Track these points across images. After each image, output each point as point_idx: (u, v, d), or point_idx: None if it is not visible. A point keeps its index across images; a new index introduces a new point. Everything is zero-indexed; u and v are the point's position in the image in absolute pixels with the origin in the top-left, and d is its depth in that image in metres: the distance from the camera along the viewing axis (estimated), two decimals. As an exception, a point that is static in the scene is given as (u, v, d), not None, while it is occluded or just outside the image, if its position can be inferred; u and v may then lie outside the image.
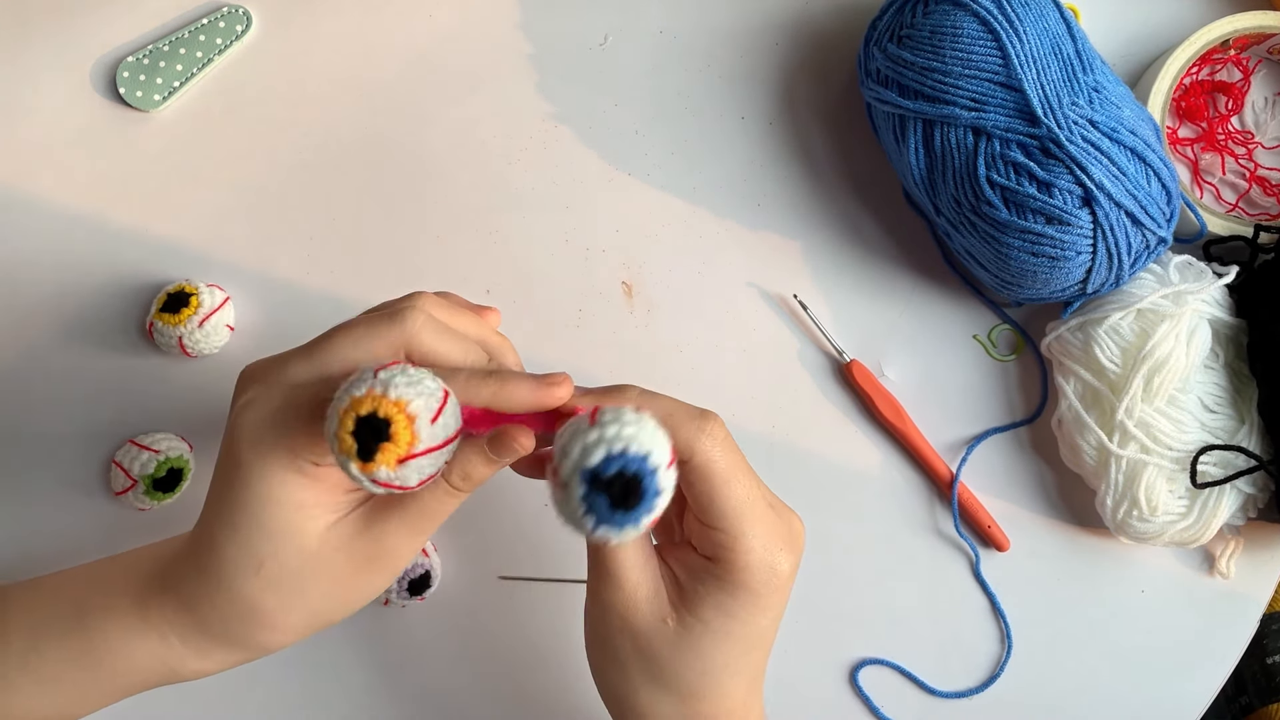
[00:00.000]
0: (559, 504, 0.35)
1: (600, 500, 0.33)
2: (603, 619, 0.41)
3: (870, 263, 0.58)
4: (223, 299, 0.56)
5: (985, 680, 0.57)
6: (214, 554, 0.39)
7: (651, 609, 0.40)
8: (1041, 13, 0.50)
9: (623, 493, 0.33)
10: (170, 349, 0.55)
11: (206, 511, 0.40)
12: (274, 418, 0.37)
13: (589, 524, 0.34)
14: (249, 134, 0.58)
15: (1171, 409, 0.52)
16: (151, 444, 0.55)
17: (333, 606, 0.40)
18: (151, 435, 0.55)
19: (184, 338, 0.54)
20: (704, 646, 0.40)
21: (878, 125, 0.55)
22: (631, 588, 0.40)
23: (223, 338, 0.56)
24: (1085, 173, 0.49)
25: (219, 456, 0.40)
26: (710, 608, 0.40)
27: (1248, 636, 0.57)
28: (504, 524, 0.57)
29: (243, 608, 0.39)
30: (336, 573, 0.39)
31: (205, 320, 0.55)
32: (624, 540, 0.35)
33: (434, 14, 0.59)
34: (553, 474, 0.35)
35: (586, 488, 0.33)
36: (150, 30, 0.58)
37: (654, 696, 0.41)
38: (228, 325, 0.56)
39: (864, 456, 0.57)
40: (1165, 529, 0.52)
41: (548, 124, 0.59)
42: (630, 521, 0.33)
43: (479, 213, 0.58)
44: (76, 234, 0.57)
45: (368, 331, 0.38)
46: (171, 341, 0.54)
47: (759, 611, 0.40)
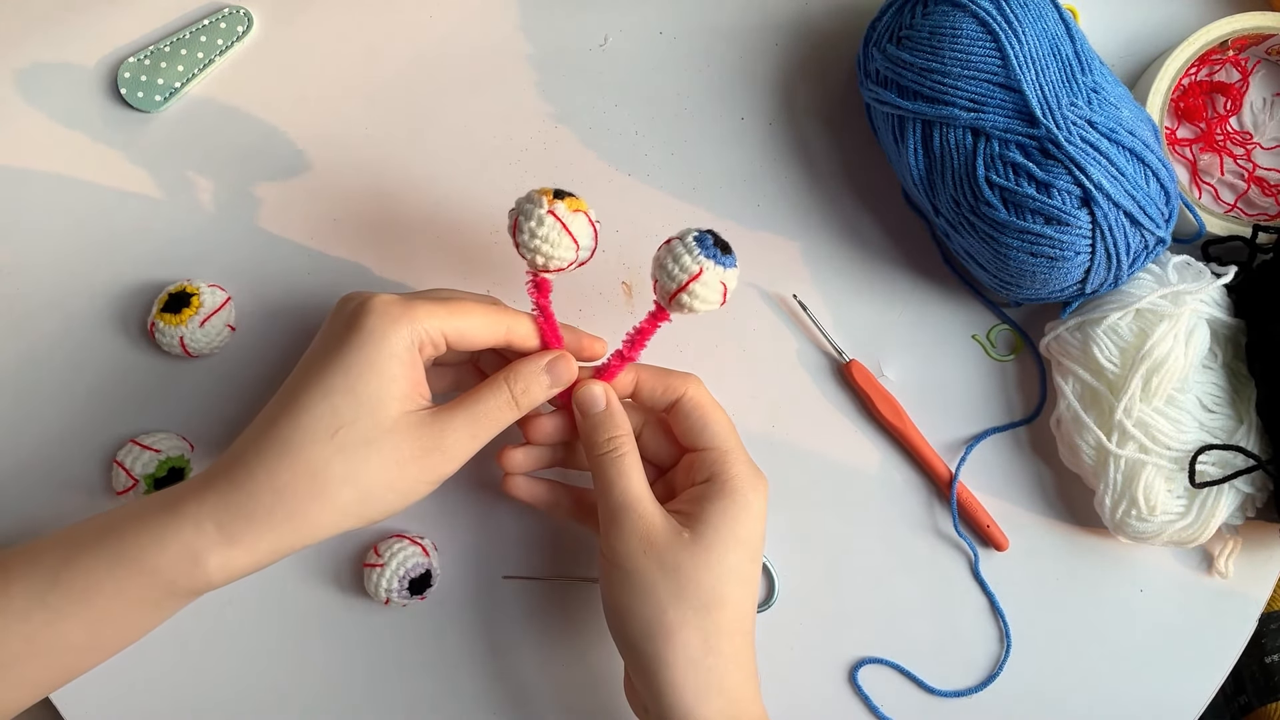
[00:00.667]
0: (671, 257, 0.47)
1: (707, 239, 0.47)
2: (627, 553, 0.47)
3: (870, 263, 0.58)
4: (224, 299, 0.56)
5: (984, 679, 0.57)
6: (289, 419, 0.44)
7: (668, 526, 0.47)
8: (1040, 14, 0.50)
9: (723, 243, 0.48)
10: (172, 349, 0.55)
11: (283, 394, 0.45)
12: (405, 303, 0.45)
13: (702, 255, 0.47)
14: (250, 134, 0.58)
15: (1170, 409, 0.52)
16: (153, 444, 0.55)
17: (380, 494, 0.45)
18: (153, 435, 0.56)
19: (185, 337, 0.54)
20: (717, 547, 0.47)
21: (877, 126, 0.55)
22: (647, 512, 0.48)
23: (224, 337, 0.56)
24: (1084, 173, 0.49)
25: (322, 336, 0.46)
26: (715, 513, 0.47)
27: (1246, 636, 0.57)
28: (504, 524, 0.57)
29: (304, 472, 0.43)
30: (399, 455, 0.45)
31: (206, 320, 0.55)
32: (726, 278, 0.47)
33: (434, 15, 0.59)
34: (664, 244, 0.48)
35: (698, 232, 0.48)
36: (151, 31, 0.58)
37: (680, 612, 0.46)
38: (229, 325, 0.56)
39: (863, 456, 0.57)
40: (1164, 528, 0.52)
41: (548, 124, 0.59)
42: (731, 260, 0.48)
43: (479, 213, 0.58)
44: (77, 234, 0.58)
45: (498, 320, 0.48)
46: (173, 341, 0.55)
47: (752, 516, 0.48)
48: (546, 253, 0.48)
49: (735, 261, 0.48)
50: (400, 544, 0.55)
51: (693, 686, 0.46)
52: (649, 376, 0.51)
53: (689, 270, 0.47)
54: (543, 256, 0.48)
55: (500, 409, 0.47)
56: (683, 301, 0.47)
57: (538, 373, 0.48)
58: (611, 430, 0.49)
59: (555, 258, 0.48)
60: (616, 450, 0.48)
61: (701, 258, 0.47)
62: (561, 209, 0.47)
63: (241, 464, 0.44)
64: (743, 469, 0.49)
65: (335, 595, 0.57)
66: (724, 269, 0.47)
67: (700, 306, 0.48)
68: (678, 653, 0.46)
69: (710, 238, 0.47)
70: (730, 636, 0.47)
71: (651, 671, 0.46)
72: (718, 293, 0.48)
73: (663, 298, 0.48)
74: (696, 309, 0.48)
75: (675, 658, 0.46)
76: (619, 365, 0.50)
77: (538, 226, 0.47)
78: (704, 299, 0.47)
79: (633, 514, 0.47)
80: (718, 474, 0.49)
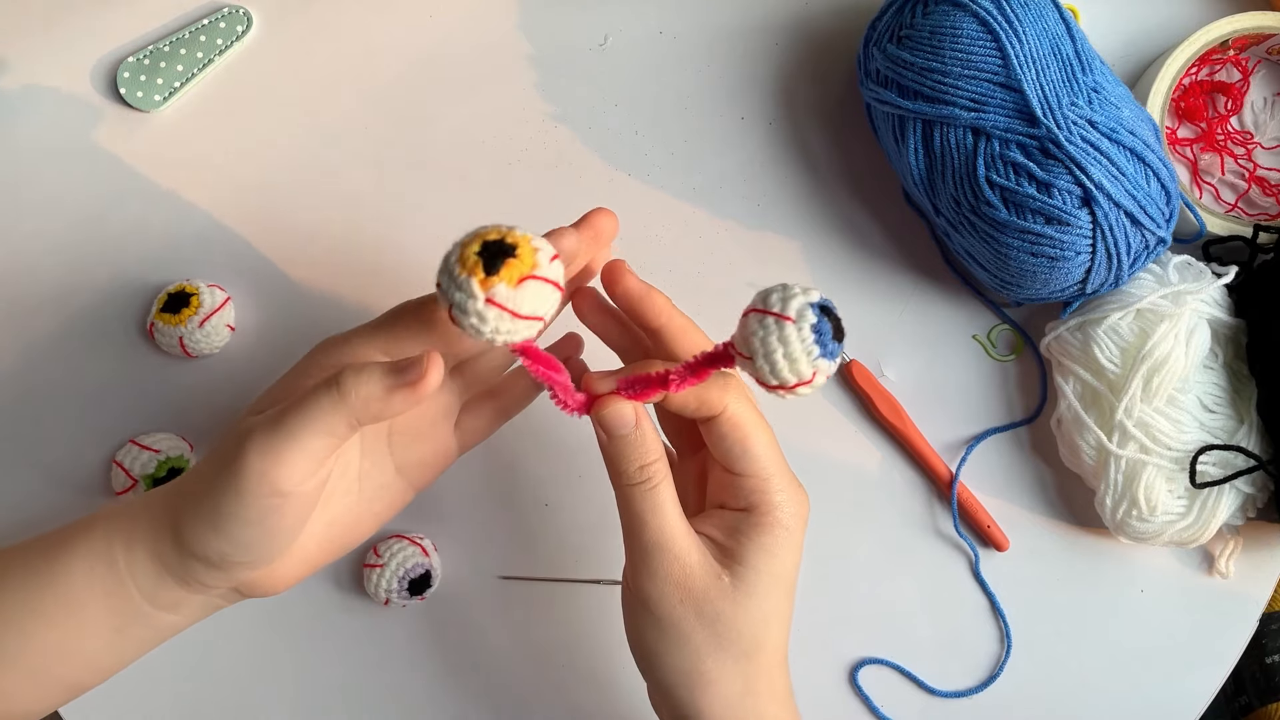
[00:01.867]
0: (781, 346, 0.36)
1: (825, 327, 0.36)
2: (659, 598, 0.42)
3: (870, 263, 0.58)
4: (223, 299, 0.56)
5: (985, 680, 0.57)
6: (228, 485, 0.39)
7: (706, 570, 0.42)
8: (1041, 13, 0.50)
9: (840, 328, 0.37)
10: (171, 349, 0.55)
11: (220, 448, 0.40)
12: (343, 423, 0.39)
13: (820, 356, 0.36)
14: (249, 134, 0.58)
15: (1170, 409, 0.52)
16: (152, 444, 0.55)
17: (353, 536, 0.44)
18: (152, 435, 0.55)
19: (185, 338, 0.54)
20: (759, 592, 0.42)
21: (877, 125, 0.55)
22: (684, 553, 0.42)
23: (223, 338, 0.56)
24: (1084, 173, 0.49)
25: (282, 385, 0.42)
26: (755, 552, 0.42)
27: (1247, 636, 0.57)
28: (504, 524, 0.57)
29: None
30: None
31: (206, 320, 0.55)
32: (830, 370, 0.37)
33: (434, 14, 0.59)
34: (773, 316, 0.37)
35: (817, 315, 0.36)
36: (151, 30, 0.58)
37: (719, 662, 0.42)
38: (228, 325, 0.56)
39: (864, 456, 0.57)
40: (1164, 529, 0.52)
41: (548, 124, 0.59)
42: (840, 349, 0.37)
43: (479, 213, 0.58)
44: (77, 234, 0.58)
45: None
46: (172, 341, 0.55)
47: (794, 547, 0.43)
48: (504, 339, 0.37)
49: (842, 348, 0.38)
50: (400, 544, 0.55)
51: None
52: None
53: (801, 375, 0.37)
54: (502, 338, 0.37)
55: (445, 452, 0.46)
56: (780, 395, 0.38)
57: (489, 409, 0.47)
58: (644, 457, 0.42)
59: (515, 337, 0.37)
60: (649, 481, 0.42)
61: (820, 360, 0.37)
62: (502, 292, 0.35)
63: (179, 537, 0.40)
64: (786, 496, 0.43)
65: (335, 595, 0.57)
66: (832, 364, 0.37)
67: (794, 399, 0.38)
68: (715, 699, 0.42)
69: (829, 323, 0.37)
70: (769, 674, 0.44)
71: (686, 715, 0.43)
72: (819, 387, 0.38)
73: (752, 376, 0.38)
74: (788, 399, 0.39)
75: (713, 704, 0.43)
76: (659, 389, 0.40)
77: (480, 324, 0.36)
78: (804, 394, 0.38)
79: (668, 556, 0.42)
80: (758, 504, 0.43)
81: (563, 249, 0.40)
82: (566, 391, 0.41)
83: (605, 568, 0.57)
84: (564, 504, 0.57)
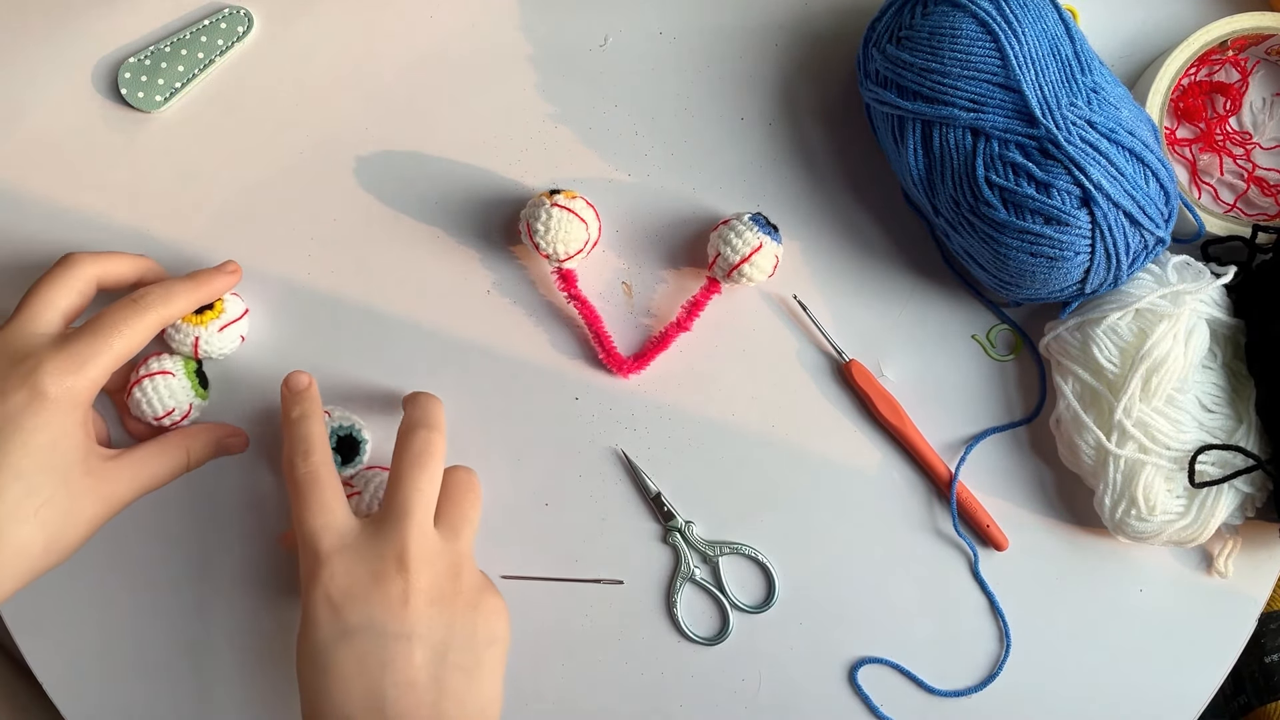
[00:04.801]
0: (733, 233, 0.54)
1: (761, 219, 0.55)
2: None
3: (869, 263, 0.58)
4: (243, 310, 0.56)
5: (984, 679, 0.57)
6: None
7: None
8: (1040, 14, 0.50)
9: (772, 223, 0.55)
10: (183, 348, 0.55)
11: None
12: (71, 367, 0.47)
13: (760, 231, 0.54)
14: (250, 135, 0.58)
15: (1169, 409, 0.52)
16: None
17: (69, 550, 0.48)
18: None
19: (201, 339, 0.54)
20: None
21: (877, 126, 0.55)
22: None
23: (234, 347, 0.56)
24: (1084, 173, 0.49)
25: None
26: None
27: (1246, 635, 0.57)
28: (504, 524, 0.57)
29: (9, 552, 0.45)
30: (90, 514, 0.48)
31: (226, 327, 0.55)
32: (778, 252, 0.55)
33: (434, 15, 0.59)
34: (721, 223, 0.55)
35: (752, 213, 0.55)
36: (152, 31, 0.58)
37: None
38: (241, 336, 0.56)
39: (863, 456, 0.58)
40: (1163, 528, 0.52)
41: (548, 124, 0.59)
42: (779, 236, 0.55)
43: (479, 213, 0.58)
44: (77, 235, 0.58)
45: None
46: (187, 340, 0.54)
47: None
48: (564, 239, 0.53)
49: (781, 238, 0.55)
50: (374, 473, 0.55)
51: None
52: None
53: (751, 244, 0.53)
54: (561, 244, 0.54)
55: (172, 466, 0.52)
56: (743, 272, 0.54)
57: (212, 440, 0.54)
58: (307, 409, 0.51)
59: (571, 242, 0.54)
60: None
61: (760, 234, 0.54)
62: (561, 199, 0.54)
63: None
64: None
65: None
66: (777, 244, 0.54)
67: (757, 276, 0.54)
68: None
69: (762, 218, 0.55)
70: None
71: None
72: (771, 264, 0.54)
73: (721, 271, 0.54)
74: (754, 279, 0.54)
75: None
76: (674, 334, 0.56)
77: (548, 220, 0.53)
78: (761, 269, 0.54)
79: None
80: None
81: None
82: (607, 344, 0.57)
83: (605, 568, 0.57)
84: (564, 504, 0.57)
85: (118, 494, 0.49)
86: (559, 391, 0.57)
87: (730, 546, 0.57)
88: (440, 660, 0.46)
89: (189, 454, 0.53)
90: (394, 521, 0.47)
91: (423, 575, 0.46)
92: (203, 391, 0.55)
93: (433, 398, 0.52)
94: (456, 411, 0.57)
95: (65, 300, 0.50)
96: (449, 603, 0.47)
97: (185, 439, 0.53)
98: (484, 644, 0.47)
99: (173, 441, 0.53)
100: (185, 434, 0.53)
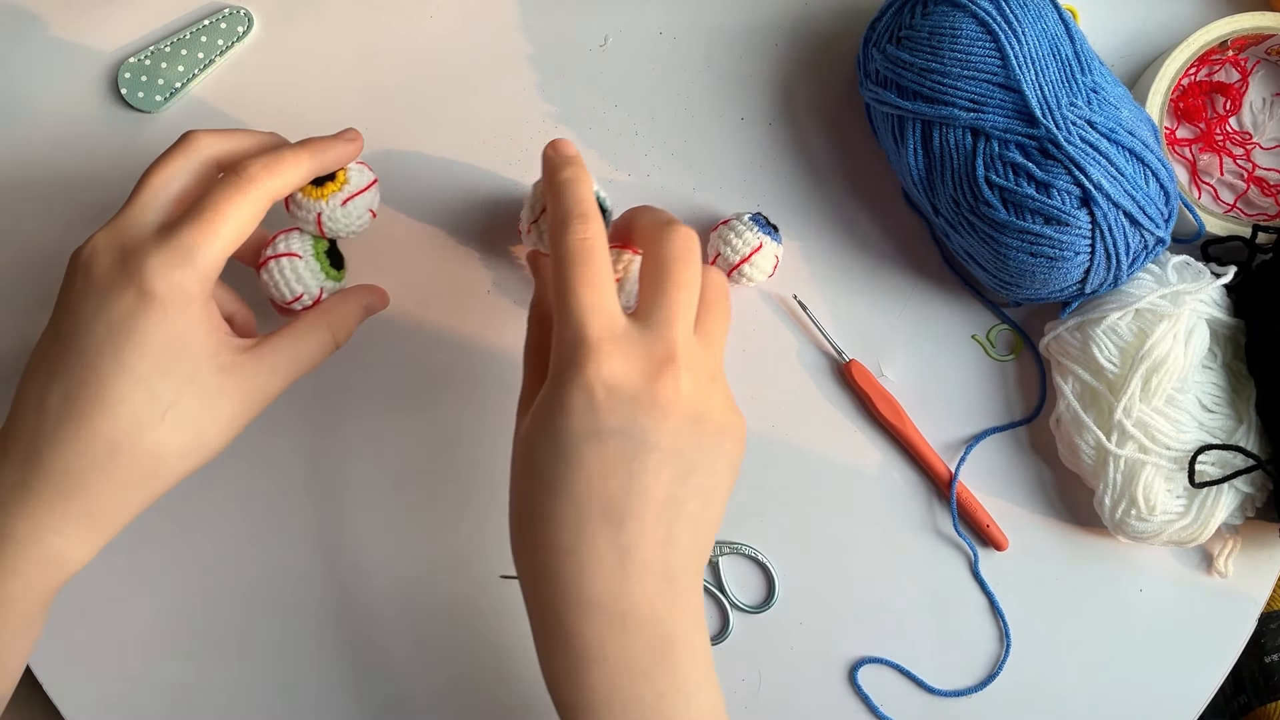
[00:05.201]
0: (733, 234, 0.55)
1: (761, 219, 0.55)
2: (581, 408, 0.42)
3: (869, 263, 0.58)
4: (370, 179, 0.51)
5: (984, 679, 0.57)
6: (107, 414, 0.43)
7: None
8: (1040, 14, 0.50)
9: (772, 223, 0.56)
10: (306, 224, 0.50)
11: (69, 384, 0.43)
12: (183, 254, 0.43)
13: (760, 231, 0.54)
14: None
15: (1169, 409, 0.52)
16: None
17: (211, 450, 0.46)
18: None
19: (324, 214, 0.49)
20: None
21: (877, 126, 0.55)
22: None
23: (364, 222, 0.51)
24: (1084, 173, 0.49)
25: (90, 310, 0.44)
26: None
27: (1246, 635, 0.57)
28: (504, 524, 0.57)
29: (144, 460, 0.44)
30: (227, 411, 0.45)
31: (350, 199, 0.50)
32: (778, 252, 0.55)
33: (434, 15, 0.59)
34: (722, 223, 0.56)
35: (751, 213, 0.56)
36: (151, 31, 0.58)
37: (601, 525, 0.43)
38: (371, 210, 0.51)
39: (863, 456, 0.58)
40: (1163, 528, 0.52)
41: (548, 124, 0.59)
42: (779, 237, 0.56)
43: (480, 213, 0.58)
44: (77, 234, 0.58)
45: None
46: (309, 216, 0.50)
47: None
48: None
49: (781, 238, 0.56)
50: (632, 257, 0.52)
51: None
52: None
53: (751, 244, 0.54)
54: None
55: (318, 349, 0.49)
56: (743, 272, 0.54)
57: (355, 309, 0.51)
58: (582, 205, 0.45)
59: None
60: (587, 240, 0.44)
61: (760, 234, 0.54)
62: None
63: (65, 470, 0.43)
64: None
65: (333, 595, 0.57)
66: (777, 244, 0.55)
67: (757, 277, 0.55)
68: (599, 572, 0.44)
69: (762, 218, 0.55)
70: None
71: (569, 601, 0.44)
72: (771, 264, 0.55)
73: (721, 270, 0.52)
74: (755, 279, 0.55)
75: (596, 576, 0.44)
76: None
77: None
78: (761, 269, 0.54)
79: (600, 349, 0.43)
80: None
81: None
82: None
83: (605, 567, 0.57)
84: (564, 503, 0.57)
85: (260, 387, 0.46)
86: (559, 391, 0.57)
87: (730, 546, 0.57)
88: (684, 480, 0.42)
89: (332, 330, 0.49)
90: (662, 324, 0.43)
91: (687, 386, 0.42)
92: (335, 273, 0.51)
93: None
94: (457, 411, 0.57)
95: (178, 184, 0.46)
96: (703, 420, 0.43)
97: (324, 315, 0.49)
98: (723, 467, 0.43)
99: (311, 321, 0.49)
100: (324, 310, 0.50)
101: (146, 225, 0.45)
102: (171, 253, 0.43)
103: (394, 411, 0.57)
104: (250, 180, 0.45)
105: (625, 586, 0.41)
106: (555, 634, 0.42)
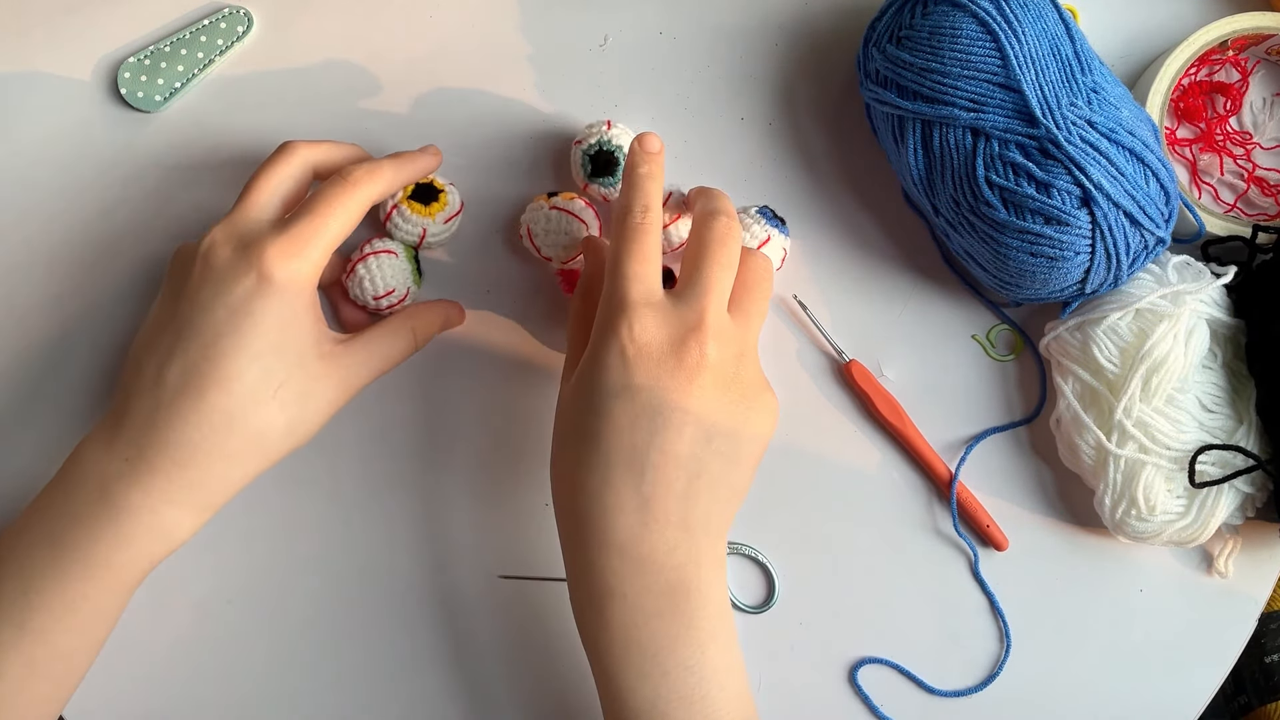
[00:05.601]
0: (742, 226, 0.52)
1: (769, 212, 0.56)
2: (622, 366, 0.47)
3: (869, 263, 0.58)
4: (460, 204, 0.56)
5: (984, 679, 0.57)
6: (221, 388, 0.46)
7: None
8: (1040, 14, 0.50)
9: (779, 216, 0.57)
10: (408, 237, 0.55)
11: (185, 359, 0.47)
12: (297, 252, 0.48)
13: (768, 224, 0.55)
14: (250, 135, 0.58)
15: (1170, 409, 0.52)
16: None
17: (309, 432, 0.50)
18: None
19: (429, 230, 0.55)
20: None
21: (877, 126, 0.55)
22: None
23: (450, 237, 0.57)
24: (1084, 173, 0.49)
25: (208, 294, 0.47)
26: None
27: (1246, 635, 0.57)
28: (504, 524, 0.57)
29: (253, 435, 0.47)
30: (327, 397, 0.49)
31: (451, 219, 0.56)
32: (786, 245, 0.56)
33: (434, 15, 0.59)
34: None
35: (760, 206, 0.56)
36: (151, 31, 0.58)
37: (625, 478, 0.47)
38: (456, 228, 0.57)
39: (863, 456, 0.58)
40: (1164, 528, 0.52)
41: (547, 124, 0.59)
42: (787, 229, 0.57)
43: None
44: (78, 234, 0.58)
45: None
46: (415, 230, 0.55)
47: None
48: (563, 241, 0.54)
49: (789, 231, 0.56)
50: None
51: None
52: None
53: (758, 237, 0.55)
54: (561, 246, 0.55)
55: (402, 349, 0.53)
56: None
57: (438, 316, 0.55)
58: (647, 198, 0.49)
59: (571, 244, 0.54)
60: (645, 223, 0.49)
61: (768, 227, 0.55)
62: (559, 201, 0.55)
63: (181, 442, 0.46)
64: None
65: (334, 595, 0.57)
66: (785, 237, 0.56)
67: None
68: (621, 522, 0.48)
69: (770, 211, 0.56)
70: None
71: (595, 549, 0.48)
72: (779, 257, 0.56)
73: None
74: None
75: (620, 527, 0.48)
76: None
77: (546, 223, 0.54)
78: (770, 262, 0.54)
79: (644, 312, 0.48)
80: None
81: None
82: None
83: (605, 567, 0.57)
84: (564, 504, 0.57)
85: (352, 377, 0.50)
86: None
87: (730, 546, 0.57)
88: (705, 442, 0.46)
89: (415, 334, 0.53)
90: (695, 296, 0.47)
91: (713, 353, 0.46)
92: (418, 279, 0.56)
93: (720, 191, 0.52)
94: (457, 412, 0.57)
95: (285, 187, 0.50)
96: (727, 389, 0.46)
97: (409, 319, 0.54)
98: (748, 438, 0.47)
99: (398, 322, 0.53)
100: (408, 315, 0.54)
101: (262, 221, 0.49)
102: (289, 242, 0.47)
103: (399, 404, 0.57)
104: (355, 183, 0.49)
105: (645, 533, 0.45)
106: (582, 569, 0.46)
